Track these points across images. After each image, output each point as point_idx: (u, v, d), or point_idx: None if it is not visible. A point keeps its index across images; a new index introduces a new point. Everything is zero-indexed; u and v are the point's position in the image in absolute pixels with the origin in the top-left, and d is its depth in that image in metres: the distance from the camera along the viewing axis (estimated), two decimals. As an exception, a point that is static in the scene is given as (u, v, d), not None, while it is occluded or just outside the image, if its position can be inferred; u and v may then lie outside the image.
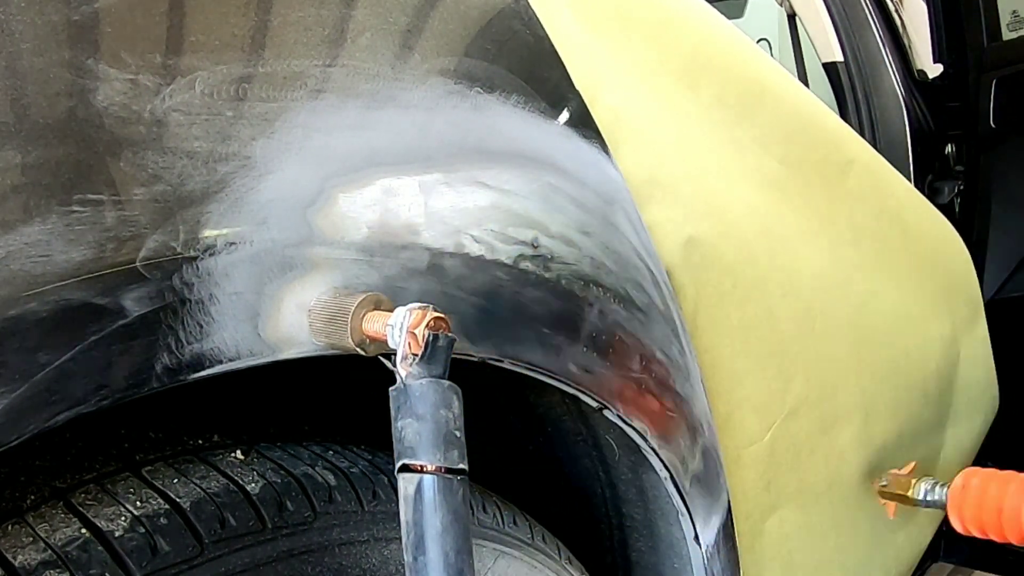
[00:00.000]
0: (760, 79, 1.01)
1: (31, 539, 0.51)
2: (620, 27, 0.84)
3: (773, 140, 1.01)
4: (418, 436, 0.48)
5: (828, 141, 1.11)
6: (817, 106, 1.10)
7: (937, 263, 1.36)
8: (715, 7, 1.00)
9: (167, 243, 0.47)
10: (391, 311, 0.53)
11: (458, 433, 0.50)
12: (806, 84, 2.25)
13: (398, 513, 0.48)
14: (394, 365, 0.51)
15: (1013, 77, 2.18)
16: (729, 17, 0.99)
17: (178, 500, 0.56)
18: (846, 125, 1.16)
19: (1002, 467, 1.18)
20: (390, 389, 0.50)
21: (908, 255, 1.28)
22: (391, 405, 0.50)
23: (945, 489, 1.19)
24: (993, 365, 1.58)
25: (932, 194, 2.06)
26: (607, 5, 0.84)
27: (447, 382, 0.51)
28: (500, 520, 0.78)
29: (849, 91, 2.42)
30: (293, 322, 0.53)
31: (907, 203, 1.29)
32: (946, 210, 1.71)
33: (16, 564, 0.49)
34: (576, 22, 0.79)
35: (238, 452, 0.64)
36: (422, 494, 0.47)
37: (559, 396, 0.83)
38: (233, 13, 0.52)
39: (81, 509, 0.54)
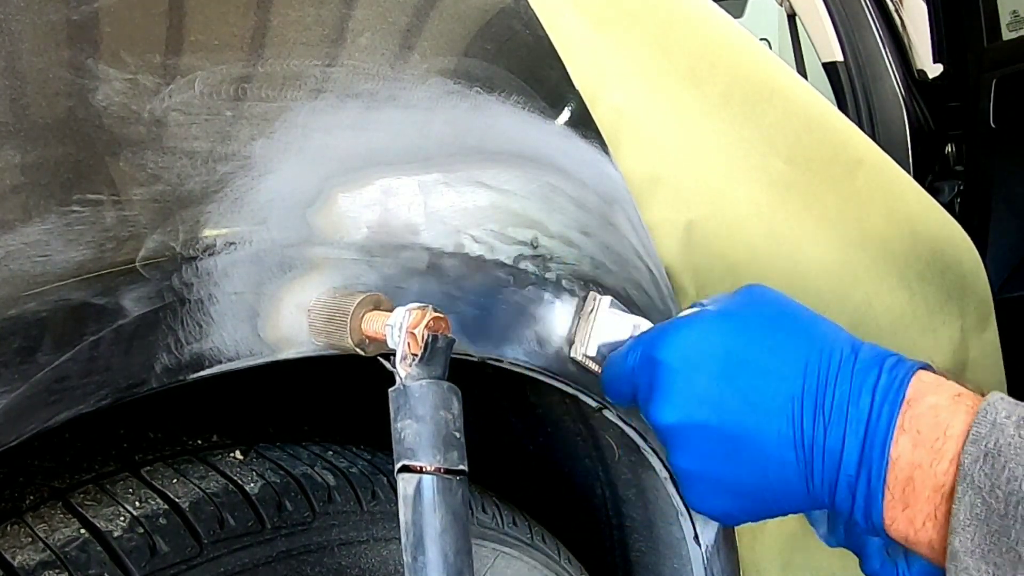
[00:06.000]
0: (768, 79, 1.00)
1: (30, 539, 0.51)
2: (624, 26, 0.84)
3: (780, 140, 1.01)
4: (418, 437, 0.48)
5: (836, 141, 1.10)
6: (825, 106, 1.10)
7: (946, 264, 1.36)
8: (715, 7, 0.99)
9: (166, 243, 0.47)
10: (390, 311, 0.53)
11: (457, 434, 0.50)
12: (806, 84, 2.24)
13: (397, 513, 0.48)
14: (393, 366, 0.51)
15: (1013, 77, 2.17)
16: (729, 17, 0.99)
17: (177, 500, 0.56)
18: (854, 125, 1.16)
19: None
20: (389, 390, 0.50)
21: (916, 256, 1.27)
22: (391, 406, 0.50)
23: None
24: (1003, 367, 1.57)
25: (932, 194, 2.06)
26: (611, 4, 0.83)
27: (447, 383, 0.50)
28: (499, 520, 0.78)
29: (849, 91, 2.42)
30: (292, 322, 0.53)
31: (916, 204, 1.29)
32: (946, 210, 1.70)
33: (15, 564, 0.49)
34: (579, 21, 0.78)
35: (237, 452, 0.64)
36: (421, 494, 0.47)
37: (559, 396, 0.83)
38: (232, 13, 0.52)
39: (80, 509, 0.54)
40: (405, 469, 0.48)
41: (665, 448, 0.56)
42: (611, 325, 0.67)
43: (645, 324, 0.65)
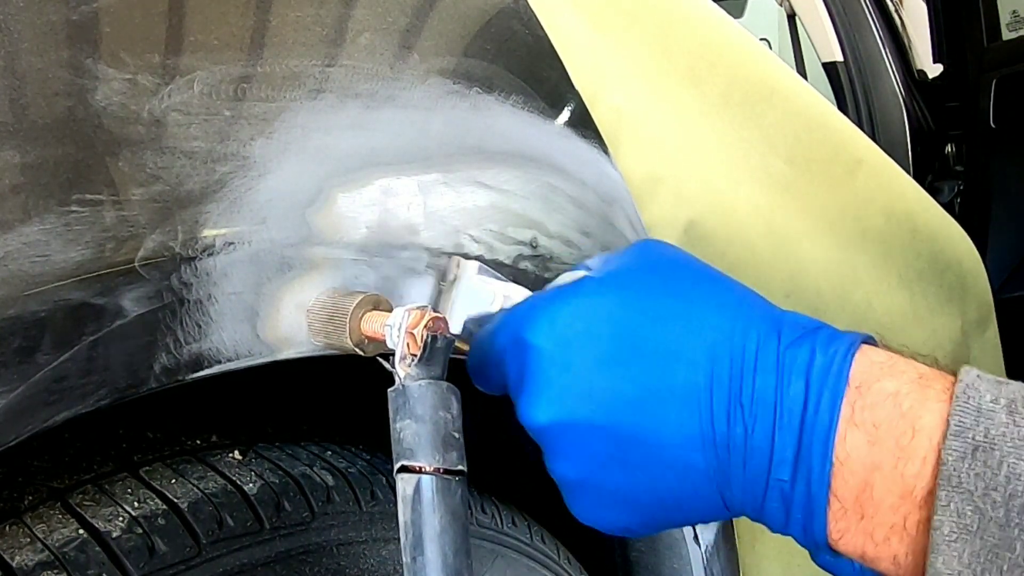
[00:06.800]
0: (768, 79, 1.00)
1: (29, 540, 0.50)
2: (624, 26, 0.84)
3: (780, 140, 1.01)
4: (417, 438, 0.48)
5: (836, 141, 1.10)
6: (825, 106, 1.10)
7: (946, 264, 1.36)
8: (715, 7, 0.99)
9: (165, 243, 0.47)
10: (390, 311, 0.53)
11: (457, 434, 0.49)
12: (806, 84, 2.25)
13: (396, 514, 0.48)
14: (392, 366, 0.51)
15: (1013, 77, 2.18)
16: (729, 17, 0.99)
17: (176, 501, 0.56)
18: (854, 126, 1.16)
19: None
20: (388, 390, 0.50)
21: (916, 256, 1.27)
22: (390, 406, 0.50)
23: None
24: (1003, 367, 1.58)
25: (932, 194, 2.06)
26: (611, 4, 0.83)
27: (446, 383, 0.50)
28: (499, 520, 0.78)
29: (849, 91, 2.42)
30: (292, 322, 0.53)
31: (916, 204, 1.29)
32: (946, 210, 1.71)
33: (14, 565, 0.49)
34: (579, 21, 0.78)
35: (236, 452, 0.64)
36: (420, 495, 0.47)
37: (558, 396, 0.83)
38: (232, 13, 0.52)
39: (79, 510, 0.53)
40: (404, 469, 0.48)
41: (542, 451, 0.48)
42: (478, 295, 0.56)
43: (520, 293, 0.55)
